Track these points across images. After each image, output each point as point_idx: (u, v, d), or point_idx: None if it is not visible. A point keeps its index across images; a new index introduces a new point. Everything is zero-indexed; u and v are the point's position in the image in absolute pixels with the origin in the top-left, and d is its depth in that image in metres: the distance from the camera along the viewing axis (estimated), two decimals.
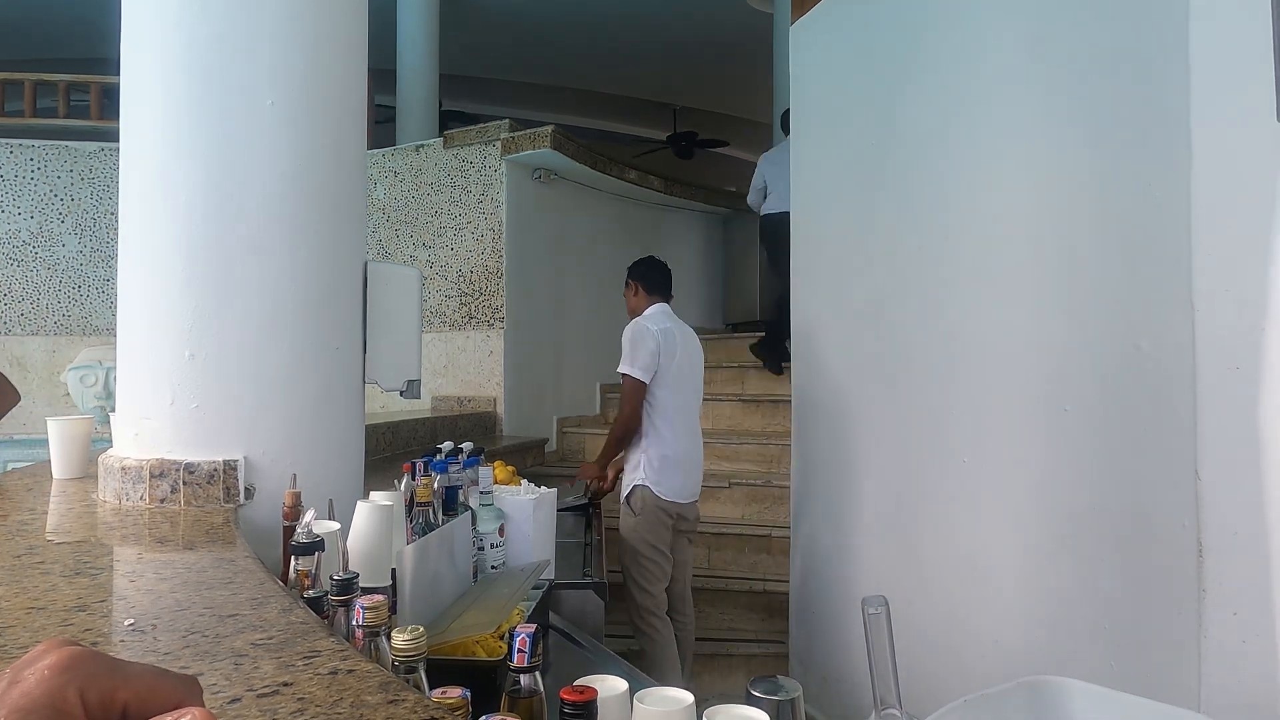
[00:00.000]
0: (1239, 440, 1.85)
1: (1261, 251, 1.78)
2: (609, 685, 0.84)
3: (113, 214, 4.76)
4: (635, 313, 3.22)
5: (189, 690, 0.45)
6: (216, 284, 1.50)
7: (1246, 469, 1.83)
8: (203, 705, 0.45)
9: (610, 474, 3.22)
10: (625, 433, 3.10)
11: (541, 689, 0.79)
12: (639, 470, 3.06)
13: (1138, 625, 2.09)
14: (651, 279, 3.27)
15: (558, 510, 2.05)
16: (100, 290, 4.96)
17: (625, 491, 3.10)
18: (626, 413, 3.09)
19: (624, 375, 3.06)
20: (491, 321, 4.65)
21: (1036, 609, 2.26)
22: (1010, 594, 2.32)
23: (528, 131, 4.61)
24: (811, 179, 3.32)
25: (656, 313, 3.18)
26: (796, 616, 3.36)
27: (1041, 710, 0.91)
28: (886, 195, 2.81)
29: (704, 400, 4.83)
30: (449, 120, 7.59)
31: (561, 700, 0.72)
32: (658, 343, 3.06)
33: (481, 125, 4.76)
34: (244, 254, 1.52)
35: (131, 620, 0.84)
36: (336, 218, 1.65)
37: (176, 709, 0.42)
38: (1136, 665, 2.06)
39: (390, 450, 3.47)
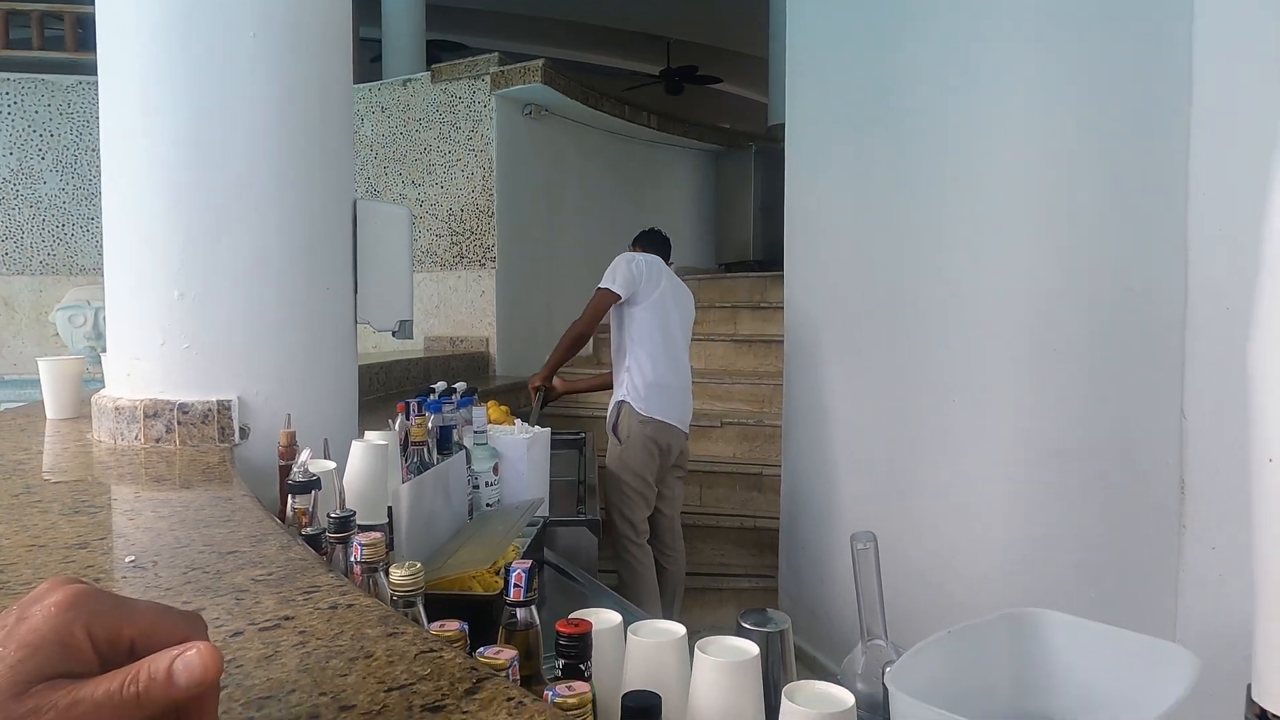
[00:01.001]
0: (1227, 381, 1.87)
1: (1259, 192, 1.77)
2: (603, 618, 0.87)
3: (94, 150, 4.65)
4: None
5: (193, 626, 0.47)
6: (203, 222, 1.48)
7: (1232, 409, 1.86)
8: (208, 640, 0.46)
9: (558, 386, 3.29)
10: (575, 338, 3.14)
11: (537, 622, 0.81)
12: (621, 389, 3.08)
13: (1119, 560, 2.15)
14: (653, 242, 3.32)
15: (550, 449, 2.07)
16: (84, 229, 4.89)
17: (610, 418, 3.12)
18: (583, 318, 3.12)
19: (597, 289, 3.09)
20: (483, 261, 4.61)
21: (1021, 544, 2.31)
22: (995, 530, 2.37)
23: (518, 65, 4.50)
24: (807, 119, 3.26)
25: (649, 255, 3.18)
26: (786, 552, 3.44)
27: (1022, 641, 0.94)
28: (884, 138, 2.77)
29: (696, 340, 4.82)
30: (436, 51, 7.38)
31: (557, 633, 0.74)
32: (641, 270, 3.06)
33: (470, 59, 4.64)
34: (230, 191, 1.49)
35: (132, 557, 0.86)
36: (324, 153, 1.62)
37: (181, 644, 0.43)
38: (1116, 597, 2.13)
39: (384, 390, 3.47)
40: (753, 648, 0.75)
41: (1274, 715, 0.62)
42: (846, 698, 0.69)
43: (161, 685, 0.41)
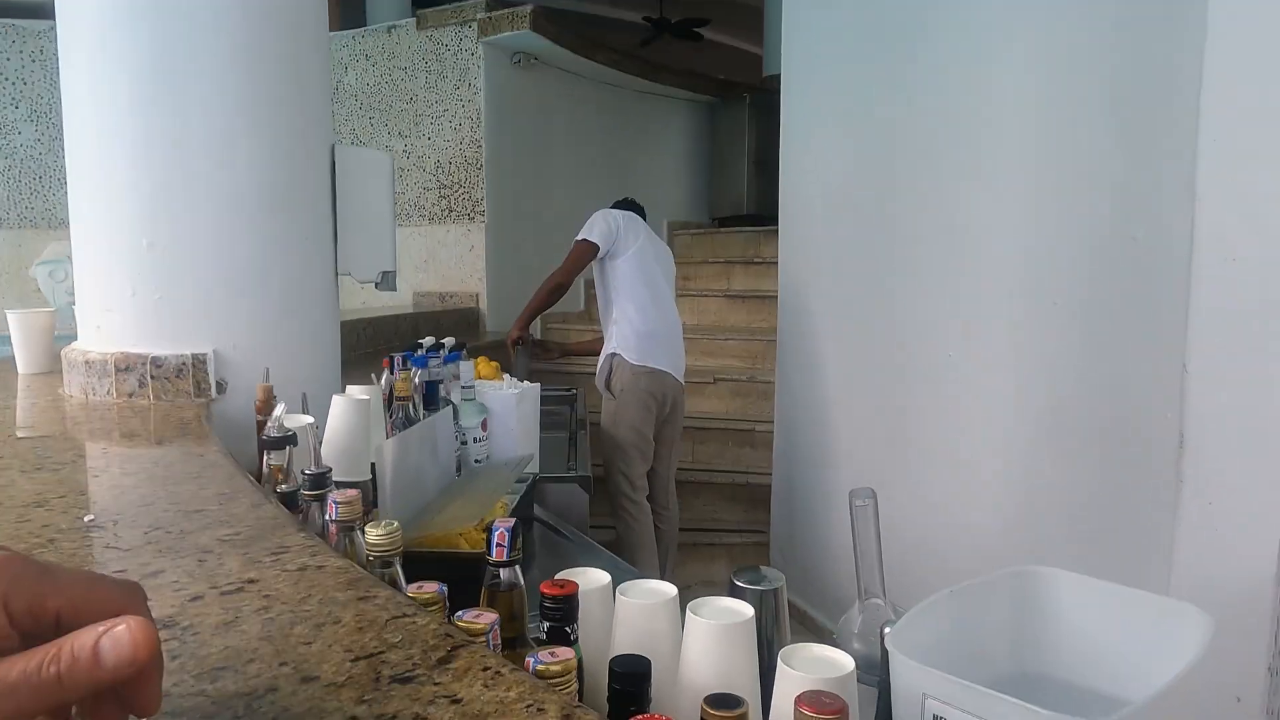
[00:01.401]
0: (1231, 333, 1.83)
1: (1272, 138, 1.71)
2: (591, 578, 0.83)
3: None
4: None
5: (129, 597, 0.42)
6: (170, 169, 1.41)
7: (1235, 362, 1.82)
8: (145, 613, 0.41)
9: (555, 350, 3.32)
10: (552, 288, 3.11)
11: (521, 582, 0.77)
12: (612, 342, 3.05)
13: (1115, 514, 2.13)
14: (629, 208, 3.28)
15: (541, 405, 2.03)
16: (62, 181, 4.72)
17: (602, 374, 3.08)
18: (560, 268, 3.09)
19: (575, 242, 3.05)
20: (472, 215, 4.52)
21: (1018, 500, 2.29)
22: (991, 486, 2.35)
23: (506, 11, 4.36)
24: (804, 69, 3.16)
25: (625, 211, 3.16)
26: (778, 509, 3.43)
27: (1026, 599, 0.90)
28: (882, 82, 2.68)
29: (689, 295, 4.77)
30: None
31: (541, 595, 0.70)
32: (618, 222, 3.04)
33: (457, 4, 4.49)
34: (197, 135, 1.42)
35: (91, 516, 0.81)
36: (299, 96, 1.54)
37: (113, 618, 0.39)
38: (1111, 552, 2.11)
39: (371, 346, 3.42)
40: (747, 609, 0.71)
41: None
42: (846, 662, 0.65)
43: (86, 666, 0.37)
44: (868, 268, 2.79)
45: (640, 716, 0.56)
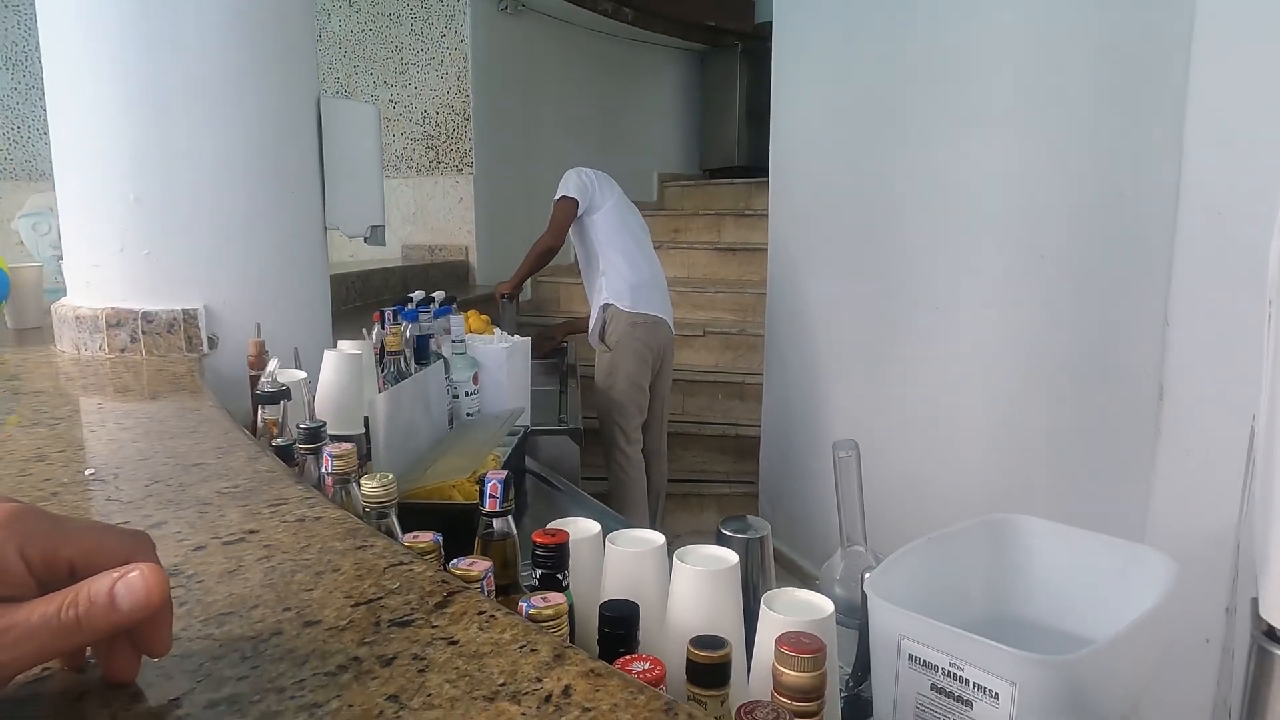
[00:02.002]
0: (1212, 286, 1.85)
1: (1260, 94, 1.71)
2: (581, 527, 0.85)
3: None
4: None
5: (138, 545, 0.44)
6: (155, 121, 1.39)
7: (1215, 314, 1.85)
8: (155, 560, 0.43)
9: (559, 335, 3.27)
10: (542, 251, 3.11)
11: (514, 532, 0.80)
12: (602, 294, 3.05)
13: (1094, 462, 2.18)
14: None
15: (531, 358, 2.05)
16: (41, 131, 4.66)
17: (595, 327, 3.09)
18: (548, 231, 3.08)
19: (554, 203, 3.05)
20: (460, 166, 4.47)
21: (998, 450, 2.34)
22: (975, 437, 2.39)
23: None
24: (795, 11, 3.11)
25: (595, 170, 3.16)
26: (766, 459, 3.48)
27: (1000, 546, 0.94)
28: (874, 33, 2.65)
29: (679, 248, 4.75)
30: None
31: (534, 543, 0.72)
32: (591, 179, 3.06)
33: None
34: (181, 88, 1.40)
35: (92, 470, 0.83)
36: (284, 47, 1.52)
37: (124, 565, 0.41)
38: (1089, 501, 2.17)
39: (361, 300, 3.41)
40: (731, 557, 0.74)
41: None
42: (826, 605, 0.68)
43: (103, 609, 0.39)
44: (857, 220, 2.79)
45: (629, 657, 0.59)
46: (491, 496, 0.78)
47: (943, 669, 0.69)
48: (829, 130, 2.94)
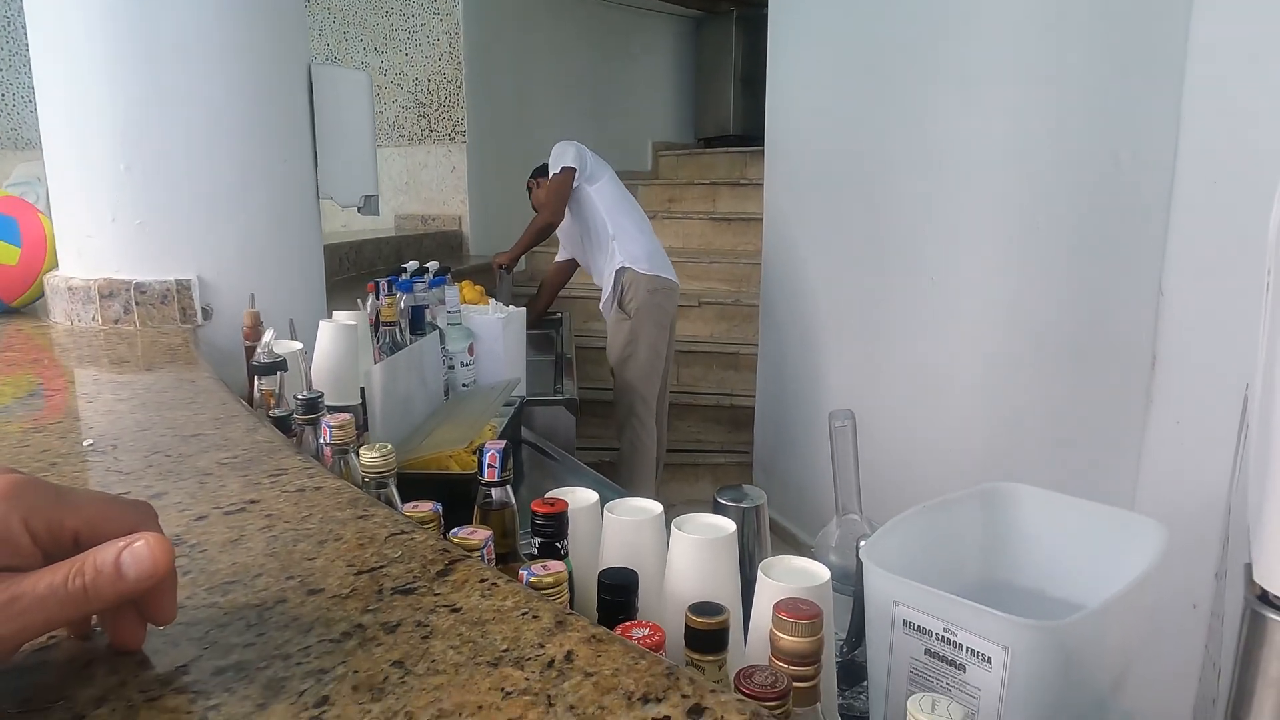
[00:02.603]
0: (1207, 255, 1.86)
1: (1260, 60, 1.70)
2: (579, 497, 0.86)
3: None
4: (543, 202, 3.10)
5: (142, 516, 0.44)
6: (144, 88, 1.37)
7: (1210, 284, 1.85)
8: (159, 530, 0.44)
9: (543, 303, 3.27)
10: (542, 226, 3.08)
11: (513, 501, 0.80)
12: (615, 258, 3.01)
13: (1087, 430, 2.20)
14: None
15: (526, 329, 2.04)
16: (27, 99, 4.59)
17: (613, 293, 3.05)
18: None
19: (553, 174, 3.02)
20: (453, 135, 4.42)
21: (992, 420, 2.35)
22: (969, 406, 2.40)
23: None
24: None
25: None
26: (761, 429, 3.49)
27: (993, 514, 0.95)
28: (869, 4, 2.62)
29: (675, 218, 4.73)
30: None
31: (533, 513, 0.73)
32: (585, 150, 3.05)
33: None
34: (172, 52, 1.38)
35: (91, 441, 0.83)
36: (274, 10, 1.50)
37: (129, 534, 0.41)
38: (1081, 469, 2.19)
39: (355, 270, 3.39)
40: (728, 525, 0.74)
41: (1277, 597, 0.62)
42: (822, 572, 0.69)
43: (109, 578, 0.39)
44: (852, 189, 2.78)
45: (628, 623, 0.59)
46: (490, 466, 0.78)
47: (936, 634, 0.70)
48: (825, 98, 2.92)
